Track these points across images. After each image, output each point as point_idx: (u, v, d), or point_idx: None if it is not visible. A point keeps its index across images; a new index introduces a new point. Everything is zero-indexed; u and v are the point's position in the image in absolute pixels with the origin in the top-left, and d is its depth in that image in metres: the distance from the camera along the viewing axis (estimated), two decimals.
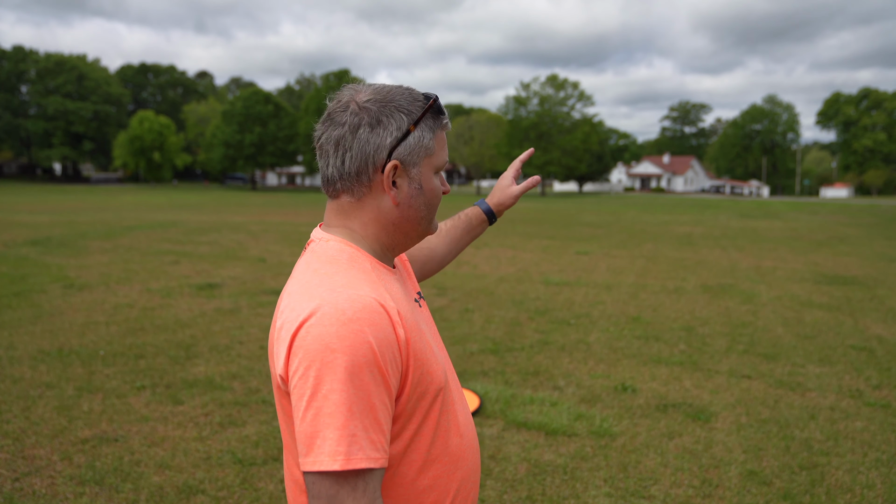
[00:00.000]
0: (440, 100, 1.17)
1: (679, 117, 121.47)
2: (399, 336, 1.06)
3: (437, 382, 1.13)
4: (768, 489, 3.52)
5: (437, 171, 1.17)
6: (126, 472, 3.54)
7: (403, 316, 1.09)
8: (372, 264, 1.15)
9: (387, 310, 1.06)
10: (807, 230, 22.35)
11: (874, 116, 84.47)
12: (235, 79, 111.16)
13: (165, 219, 22.20)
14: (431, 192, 1.17)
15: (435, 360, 1.15)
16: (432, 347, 1.16)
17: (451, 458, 1.17)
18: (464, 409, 1.26)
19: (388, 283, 1.15)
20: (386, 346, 1.02)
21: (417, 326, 1.13)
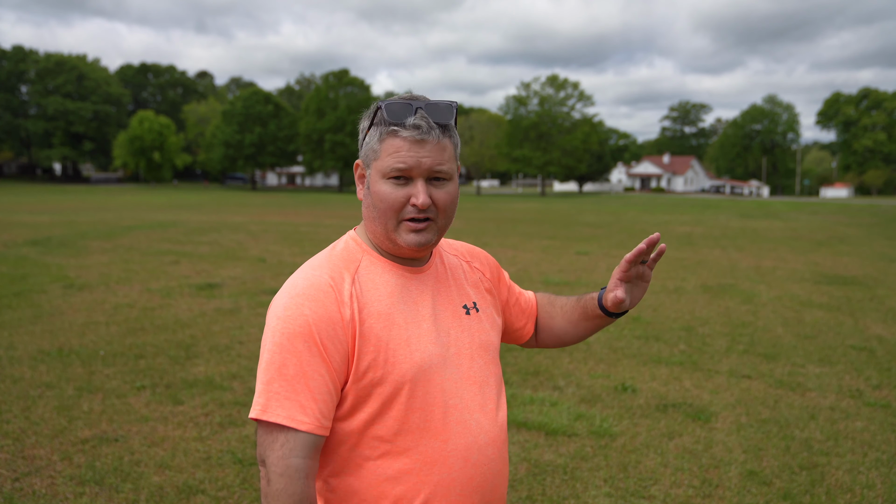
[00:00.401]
0: (396, 104, 1.21)
1: (679, 117, 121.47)
2: (343, 315, 1.17)
3: (398, 374, 1.19)
4: (768, 489, 3.52)
5: (384, 175, 1.20)
6: (126, 472, 3.54)
7: (364, 300, 1.20)
8: (364, 255, 1.28)
9: (336, 290, 1.19)
10: (807, 230, 22.36)
11: (874, 116, 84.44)
12: (235, 79, 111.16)
13: (165, 219, 22.20)
14: (377, 195, 1.22)
15: (404, 353, 1.20)
16: (407, 340, 1.21)
17: (423, 459, 1.21)
18: (464, 420, 1.26)
19: (374, 272, 1.26)
20: (324, 322, 1.16)
21: (386, 315, 1.21)
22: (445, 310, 1.32)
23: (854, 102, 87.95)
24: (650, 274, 1.40)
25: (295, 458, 1.14)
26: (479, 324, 1.36)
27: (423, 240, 1.23)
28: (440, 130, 1.20)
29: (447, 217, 1.26)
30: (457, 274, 1.40)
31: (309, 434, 1.15)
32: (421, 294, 1.29)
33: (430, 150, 1.19)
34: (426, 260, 1.35)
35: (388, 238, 1.25)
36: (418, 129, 1.18)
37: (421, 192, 1.19)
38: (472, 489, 1.24)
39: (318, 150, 67.69)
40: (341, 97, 67.90)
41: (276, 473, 1.13)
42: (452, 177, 1.25)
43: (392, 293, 1.25)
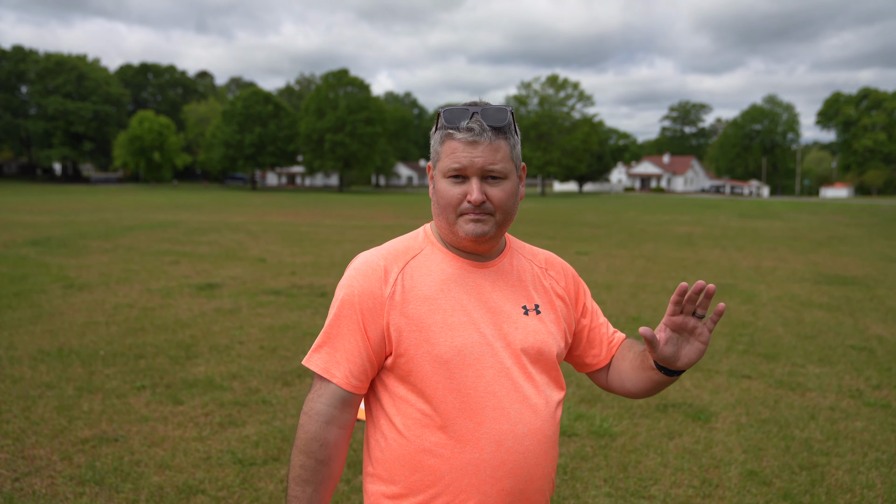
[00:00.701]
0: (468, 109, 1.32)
1: (679, 117, 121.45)
2: (383, 292, 1.33)
3: (436, 354, 1.30)
4: (768, 489, 3.52)
5: (444, 175, 1.33)
6: (126, 472, 3.54)
7: (410, 284, 1.34)
8: (428, 245, 1.41)
9: (385, 270, 1.35)
10: (807, 230, 22.36)
11: (874, 116, 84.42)
12: (235, 79, 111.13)
13: (165, 219, 22.20)
14: (438, 192, 1.35)
15: (445, 336, 1.31)
16: (450, 325, 1.32)
17: (457, 437, 1.30)
18: (503, 407, 1.32)
19: (431, 261, 1.38)
20: (367, 296, 1.34)
21: (431, 299, 1.33)
22: (503, 305, 1.38)
23: (854, 102, 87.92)
24: (706, 333, 1.32)
25: (320, 404, 1.34)
26: (537, 325, 1.40)
27: (480, 230, 1.32)
28: (493, 132, 1.30)
29: (504, 212, 1.35)
30: (524, 276, 1.45)
31: (337, 387, 1.34)
32: (478, 286, 1.38)
33: (483, 150, 1.30)
34: (492, 256, 1.43)
35: (450, 231, 1.36)
36: (471, 132, 1.29)
37: (475, 190, 1.30)
38: (503, 473, 1.30)
39: (318, 150, 67.67)
40: (341, 97, 67.88)
41: (303, 412, 1.36)
42: (508, 176, 1.34)
43: (443, 280, 1.36)
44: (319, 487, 1.34)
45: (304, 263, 11.60)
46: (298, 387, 5.01)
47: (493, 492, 1.30)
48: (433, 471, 1.30)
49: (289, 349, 6.01)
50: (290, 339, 6.37)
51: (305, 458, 1.33)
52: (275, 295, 8.60)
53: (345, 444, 1.38)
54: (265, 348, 6.02)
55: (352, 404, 1.37)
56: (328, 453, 1.34)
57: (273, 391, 4.89)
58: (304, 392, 4.90)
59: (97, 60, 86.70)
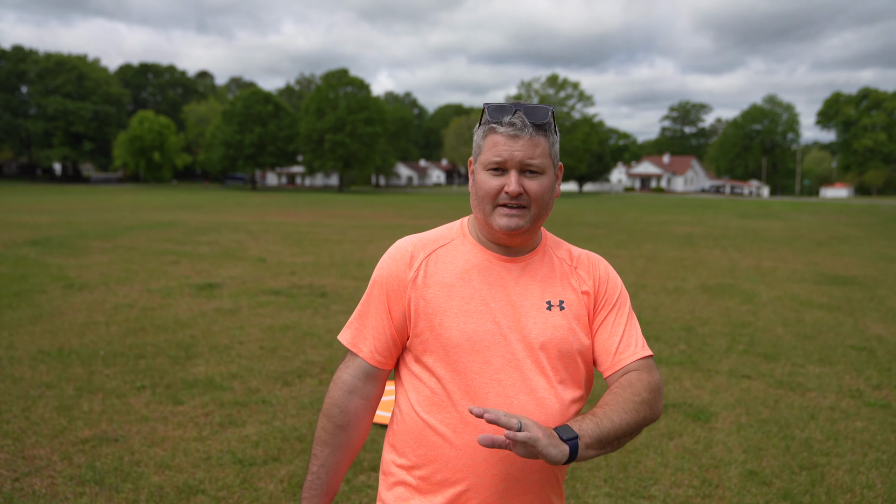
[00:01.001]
0: (503, 104, 1.39)
1: (679, 117, 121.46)
2: (407, 275, 1.43)
3: (447, 338, 1.37)
4: (768, 489, 3.52)
5: (485, 167, 1.38)
6: (126, 472, 3.54)
7: (433, 271, 1.42)
8: (459, 236, 1.48)
9: (412, 255, 1.45)
10: (807, 230, 22.36)
11: (874, 116, 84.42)
12: (235, 79, 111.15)
13: (165, 219, 22.20)
14: (478, 184, 1.40)
15: (458, 322, 1.37)
16: (465, 312, 1.38)
17: (459, 419, 1.35)
18: (506, 396, 1.35)
19: (459, 251, 1.45)
20: (393, 278, 1.44)
21: (450, 286, 1.40)
22: (526, 299, 1.41)
23: (854, 102, 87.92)
24: (517, 447, 1.17)
25: (346, 374, 1.48)
26: (559, 321, 1.41)
27: (514, 224, 1.37)
28: (534, 129, 1.36)
29: (540, 206, 1.39)
30: (553, 272, 1.47)
31: (363, 361, 1.47)
32: (502, 278, 1.42)
33: (523, 145, 1.35)
34: (525, 251, 1.46)
35: (486, 222, 1.40)
36: (513, 126, 1.34)
37: (513, 182, 1.35)
38: (497, 459, 1.34)
39: (318, 150, 67.68)
40: (341, 97, 67.89)
41: (332, 380, 1.49)
42: (545, 171, 1.39)
43: (466, 270, 1.42)
44: (337, 450, 1.48)
45: (304, 263, 11.60)
46: (298, 387, 5.01)
47: (487, 475, 1.34)
48: (436, 447, 1.37)
49: (289, 349, 6.01)
50: (290, 339, 6.37)
51: (326, 420, 1.48)
52: (275, 295, 8.60)
53: (366, 416, 1.49)
54: (265, 348, 6.02)
55: (376, 378, 1.49)
56: (347, 419, 1.47)
57: (273, 391, 4.89)
58: (304, 392, 4.90)
59: (97, 60, 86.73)
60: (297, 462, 3.73)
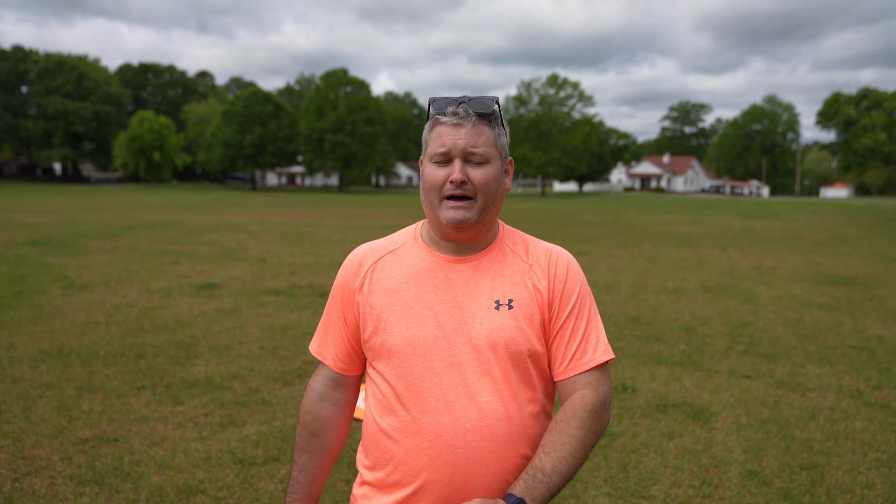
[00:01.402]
0: (445, 98, 1.39)
1: (679, 117, 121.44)
2: (354, 283, 1.46)
3: (391, 344, 1.38)
4: (768, 489, 3.52)
5: (431, 160, 1.38)
6: (126, 472, 3.54)
7: (378, 277, 1.44)
8: (409, 240, 1.48)
9: (360, 263, 1.47)
10: (807, 230, 22.36)
11: (874, 116, 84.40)
12: (235, 78, 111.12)
13: (165, 219, 22.20)
14: (424, 178, 1.40)
15: (401, 328, 1.38)
16: (407, 317, 1.38)
17: (404, 424, 1.37)
18: (447, 401, 1.34)
19: (407, 255, 1.45)
20: (344, 286, 1.48)
21: (393, 292, 1.41)
22: (474, 300, 1.39)
23: (854, 102, 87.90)
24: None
25: (316, 382, 1.54)
26: (505, 320, 1.37)
27: (461, 216, 1.35)
28: (477, 118, 1.35)
29: (486, 197, 1.37)
30: (504, 270, 1.43)
31: (329, 368, 1.52)
32: (449, 280, 1.41)
33: (466, 133, 1.34)
34: (473, 251, 1.44)
35: (435, 217, 1.40)
36: (456, 115, 1.35)
37: (456, 169, 1.34)
38: (441, 464, 1.34)
39: (318, 150, 67.67)
40: (341, 97, 67.88)
41: (305, 389, 1.56)
42: (490, 160, 1.37)
43: (411, 274, 1.42)
44: (314, 456, 1.52)
45: (304, 263, 11.60)
46: (298, 387, 5.01)
47: (433, 480, 1.35)
48: (387, 450, 1.39)
49: (289, 349, 6.01)
50: (290, 339, 6.37)
51: (301, 427, 1.53)
52: (275, 295, 8.60)
53: (340, 421, 1.54)
54: (265, 348, 6.02)
55: (344, 384, 1.54)
56: (320, 426, 1.51)
57: (273, 391, 4.89)
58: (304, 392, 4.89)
59: (97, 60, 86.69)
60: None
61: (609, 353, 1.43)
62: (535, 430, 1.40)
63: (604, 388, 1.40)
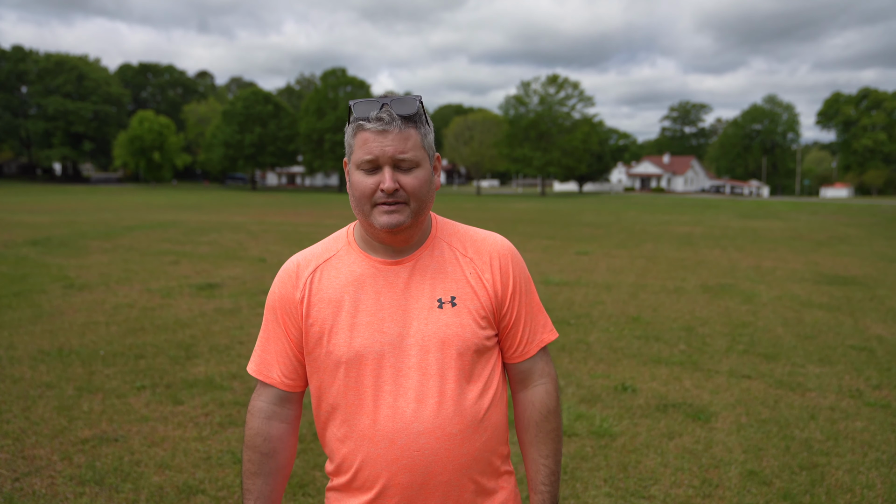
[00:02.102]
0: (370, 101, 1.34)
1: (679, 117, 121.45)
2: (295, 296, 1.41)
3: (336, 354, 1.37)
4: (768, 489, 3.52)
5: (357, 166, 1.34)
6: (126, 472, 3.54)
7: (318, 287, 1.40)
8: (344, 246, 1.45)
9: (297, 275, 1.43)
10: (807, 230, 22.36)
11: (874, 116, 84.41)
12: (236, 78, 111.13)
13: (165, 219, 22.20)
14: (353, 185, 1.36)
15: (345, 337, 1.37)
16: (351, 326, 1.37)
17: (356, 432, 1.37)
18: (396, 406, 1.35)
19: (343, 263, 1.42)
20: (284, 300, 1.43)
21: (336, 302, 1.39)
22: (415, 301, 1.38)
23: (854, 102, 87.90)
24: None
25: (260, 401, 1.47)
26: (450, 318, 1.37)
27: (395, 221, 1.33)
28: (402, 121, 1.31)
29: (418, 200, 1.34)
30: (444, 267, 1.42)
31: (272, 387, 1.46)
32: (390, 284, 1.39)
33: (393, 139, 1.30)
34: (409, 251, 1.42)
35: (367, 223, 1.37)
36: (381, 121, 1.30)
37: (387, 178, 1.31)
38: (398, 468, 1.35)
39: (318, 150, 67.70)
40: (341, 97, 67.90)
41: (248, 410, 1.48)
42: (420, 163, 1.34)
43: (350, 282, 1.40)
44: (269, 479, 1.46)
45: None
46: None
47: (392, 484, 1.36)
48: (345, 458, 1.40)
49: None
50: None
51: (251, 452, 1.45)
52: None
53: (289, 438, 1.49)
54: None
55: (291, 400, 1.49)
56: (272, 446, 1.46)
57: None
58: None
59: (98, 60, 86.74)
60: (296, 462, 3.73)
61: (554, 333, 1.53)
62: (492, 419, 1.42)
63: (553, 369, 1.53)
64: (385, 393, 1.35)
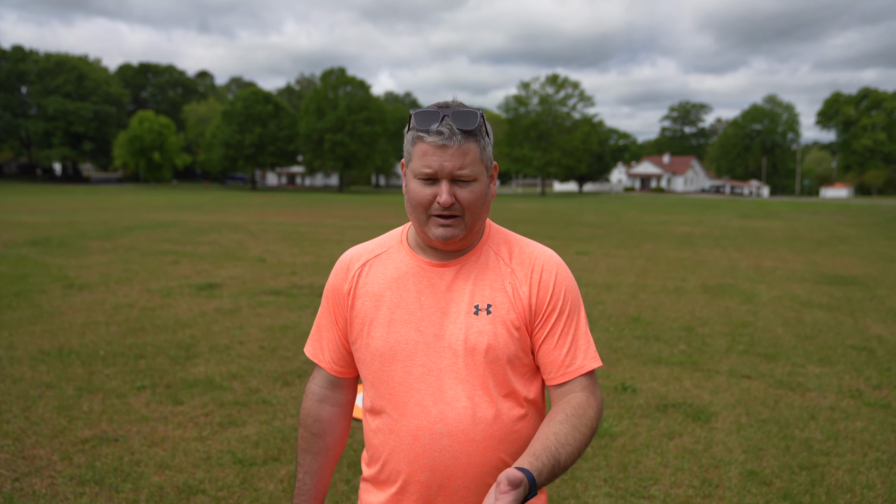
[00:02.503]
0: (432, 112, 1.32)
1: (679, 117, 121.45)
2: (343, 287, 1.48)
3: (373, 347, 1.42)
4: (768, 489, 3.52)
5: (415, 176, 1.34)
6: (126, 472, 3.54)
7: (364, 281, 1.46)
8: (395, 243, 1.49)
9: (348, 267, 1.49)
10: (807, 230, 22.35)
11: (874, 116, 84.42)
12: (235, 78, 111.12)
13: (165, 219, 22.20)
14: (409, 193, 1.37)
15: (382, 332, 1.41)
16: (389, 322, 1.41)
17: (386, 425, 1.42)
18: (423, 405, 1.37)
19: (392, 259, 1.46)
20: (335, 290, 1.50)
21: (378, 297, 1.43)
22: (454, 305, 1.39)
23: (854, 102, 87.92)
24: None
25: (314, 384, 1.57)
26: (483, 325, 1.37)
27: (449, 234, 1.35)
28: (462, 136, 1.30)
29: (474, 214, 1.36)
30: (486, 274, 1.42)
31: (324, 371, 1.55)
32: (432, 284, 1.41)
33: (453, 154, 1.30)
34: (457, 255, 1.43)
35: (421, 230, 1.39)
36: (441, 136, 1.29)
37: (444, 193, 1.32)
38: (418, 466, 1.37)
39: (318, 150, 67.68)
40: (341, 97, 67.89)
41: (304, 390, 1.58)
42: (478, 178, 1.35)
43: (395, 279, 1.43)
44: (318, 457, 1.55)
45: (304, 263, 11.60)
46: (298, 387, 5.01)
47: (412, 480, 1.39)
48: (376, 449, 1.44)
49: (289, 349, 6.01)
50: (290, 339, 6.37)
51: (303, 430, 1.56)
52: (275, 295, 8.60)
53: (340, 422, 1.56)
54: (265, 348, 6.02)
55: (342, 385, 1.56)
56: (321, 427, 1.54)
57: (273, 391, 4.89)
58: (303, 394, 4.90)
59: (98, 60, 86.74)
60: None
61: (597, 361, 1.42)
62: (520, 433, 1.39)
63: (599, 393, 1.41)
64: (414, 390, 1.38)
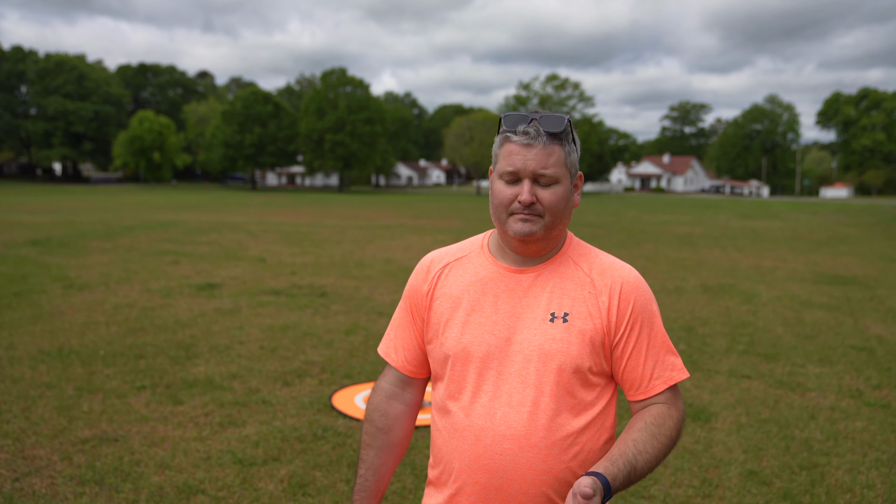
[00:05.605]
0: (517, 114, 1.39)
1: (679, 117, 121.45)
2: (423, 288, 1.52)
3: (447, 348, 1.45)
4: (768, 489, 3.52)
5: (500, 176, 1.39)
6: (126, 472, 3.54)
7: (443, 283, 1.49)
8: (476, 248, 1.52)
9: (428, 268, 1.54)
10: (807, 230, 22.36)
11: (874, 116, 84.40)
12: (235, 78, 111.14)
13: (165, 219, 22.20)
14: (493, 192, 1.42)
15: (456, 333, 1.44)
16: (464, 324, 1.43)
17: (452, 424, 1.43)
18: (490, 407, 1.39)
19: (472, 263, 1.50)
20: (414, 290, 1.54)
21: (455, 299, 1.46)
22: (530, 311, 1.41)
23: (854, 102, 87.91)
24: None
25: (383, 381, 1.60)
26: (558, 333, 1.38)
27: (527, 229, 1.37)
28: (548, 137, 1.35)
29: (554, 216, 1.38)
30: (564, 283, 1.43)
31: (395, 369, 1.58)
32: (510, 290, 1.43)
33: (537, 154, 1.34)
34: (537, 262, 1.45)
35: (501, 230, 1.43)
36: (527, 135, 1.35)
37: (525, 191, 1.35)
38: (478, 467, 1.39)
39: (318, 150, 67.66)
40: (341, 97, 67.88)
41: (373, 387, 1.60)
42: (560, 180, 1.37)
43: (474, 282, 1.46)
44: (381, 452, 1.56)
45: (304, 263, 11.60)
46: (298, 387, 5.01)
47: (471, 481, 1.40)
48: (440, 449, 1.47)
49: (289, 349, 6.01)
50: (290, 339, 6.37)
51: (368, 424, 1.57)
52: (275, 295, 8.60)
53: (406, 420, 1.58)
54: (265, 348, 6.02)
55: (412, 385, 1.59)
56: (387, 423, 1.56)
57: (273, 391, 4.89)
58: (304, 392, 4.90)
59: (99, 61, 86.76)
60: (297, 462, 3.73)
61: (684, 372, 1.45)
62: (585, 444, 1.39)
63: (681, 404, 1.45)
64: (483, 393, 1.40)
